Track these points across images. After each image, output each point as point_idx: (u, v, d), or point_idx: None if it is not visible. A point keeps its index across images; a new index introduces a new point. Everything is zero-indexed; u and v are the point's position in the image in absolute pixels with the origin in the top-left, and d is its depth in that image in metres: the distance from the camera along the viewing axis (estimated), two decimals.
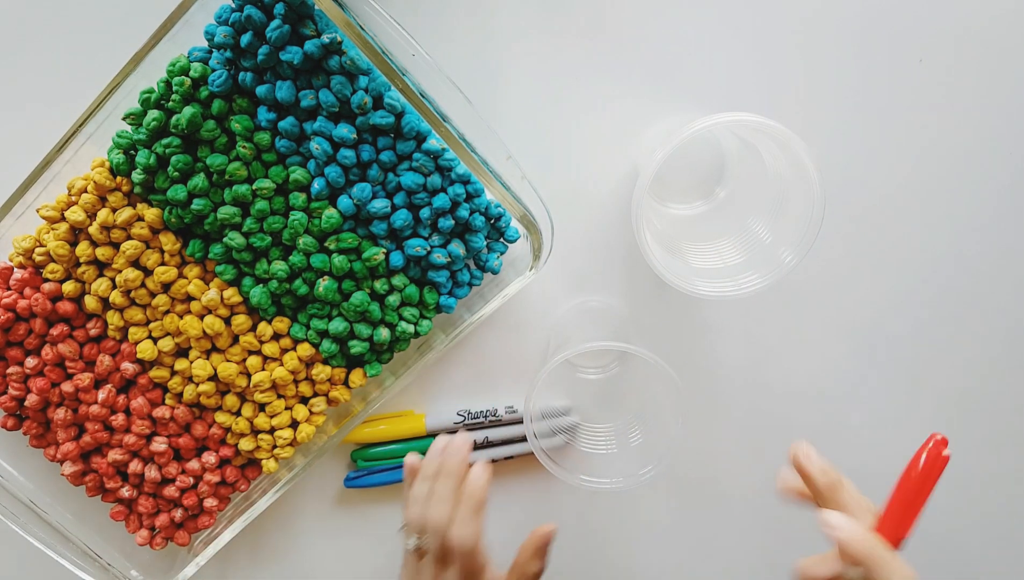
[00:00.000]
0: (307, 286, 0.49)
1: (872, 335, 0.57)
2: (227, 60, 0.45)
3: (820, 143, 0.53)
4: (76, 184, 0.48)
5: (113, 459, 0.51)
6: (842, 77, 0.53)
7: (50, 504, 0.53)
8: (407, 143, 0.46)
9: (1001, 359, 0.58)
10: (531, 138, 0.53)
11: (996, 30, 0.52)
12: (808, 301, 0.56)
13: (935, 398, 0.59)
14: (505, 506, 0.59)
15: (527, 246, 0.49)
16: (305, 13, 0.43)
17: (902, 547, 0.37)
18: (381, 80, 0.45)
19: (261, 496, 0.53)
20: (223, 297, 0.49)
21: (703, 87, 0.53)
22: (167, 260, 0.49)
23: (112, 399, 0.50)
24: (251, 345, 0.51)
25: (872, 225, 0.55)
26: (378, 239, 0.49)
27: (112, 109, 0.46)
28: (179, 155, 0.46)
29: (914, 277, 0.56)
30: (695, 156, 0.54)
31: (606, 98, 0.53)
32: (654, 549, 0.60)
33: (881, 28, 0.52)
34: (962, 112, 0.54)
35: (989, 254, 0.56)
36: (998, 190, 0.55)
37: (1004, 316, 0.57)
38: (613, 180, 0.54)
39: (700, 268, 0.51)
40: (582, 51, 0.53)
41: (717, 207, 0.55)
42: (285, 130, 0.46)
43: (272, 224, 0.48)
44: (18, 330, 0.49)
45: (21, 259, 0.49)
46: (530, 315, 0.56)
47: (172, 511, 0.54)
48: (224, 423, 0.52)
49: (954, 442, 0.60)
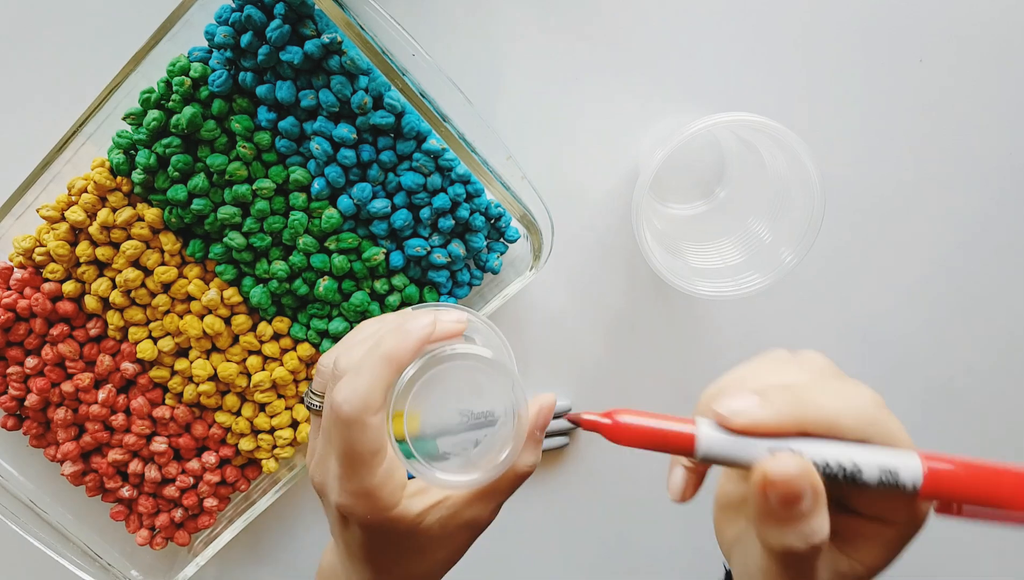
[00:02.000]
0: (307, 286, 0.49)
1: (873, 335, 0.57)
2: (227, 60, 0.45)
3: (820, 143, 0.53)
4: (76, 184, 0.48)
5: (113, 459, 0.51)
6: (842, 77, 0.53)
7: (50, 504, 0.53)
8: (407, 143, 0.46)
9: (1002, 359, 0.58)
10: (531, 138, 0.53)
11: (997, 30, 0.52)
12: (808, 301, 0.56)
13: (936, 398, 0.59)
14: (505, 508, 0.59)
15: (527, 246, 0.49)
16: (305, 13, 0.43)
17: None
18: (381, 80, 0.45)
19: (261, 496, 0.53)
20: (223, 297, 0.49)
21: (703, 87, 0.53)
22: (167, 260, 0.49)
23: (112, 399, 0.50)
24: (251, 345, 0.51)
25: (872, 225, 0.55)
26: (378, 239, 0.49)
27: (112, 109, 0.46)
28: (179, 155, 0.46)
29: (915, 277, 0.56)
30: (695, 156, 0.54)
31: (606, 98, 0.53)
32: (655, 549, 0.60)
33: (881, 28, 0.52)
34: (962, 112, 0.54)
35: (990, 254, 0.56)
36: (998, 190, 0.55)
37: (1005, 316, 0.57)
38: (613, 180, 0.54)
39: (700, 268, 0.51)
40: (582, 51, 0.53)
41: (717, 207, 0.55)
42: (285, 130, 0.46)
43: (272, 224, 0.48)
44: (18, 330, 0.49)
45: (21, 259, 0.49)
46: (530, 315, 0.56)
47: (172, 511, 0.54)
48: (224, 423, 0.52)
49: (954, 442, 0.60)
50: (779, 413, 0.24)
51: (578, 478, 0.59)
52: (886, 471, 0.23)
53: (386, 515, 0.30)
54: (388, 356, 0.28)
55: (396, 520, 0.30)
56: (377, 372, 0.28)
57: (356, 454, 0.29)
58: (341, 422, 0.28)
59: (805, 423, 0.24)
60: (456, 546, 0.32)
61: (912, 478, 0.23)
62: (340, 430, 0.28)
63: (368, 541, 0.31)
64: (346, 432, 0.28)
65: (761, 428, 0.24)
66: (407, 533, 0.31)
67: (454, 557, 0.33)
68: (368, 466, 0.29)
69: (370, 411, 0.28)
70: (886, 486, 0.23)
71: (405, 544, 0.31)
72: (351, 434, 0.28)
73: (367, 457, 0.29)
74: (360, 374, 0.28)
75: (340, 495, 0.30)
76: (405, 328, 0.29)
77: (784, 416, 0.24)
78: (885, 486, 0.23)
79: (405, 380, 0.28)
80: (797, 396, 0.24)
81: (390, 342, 0.29)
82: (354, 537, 0.32)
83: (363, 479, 0.29)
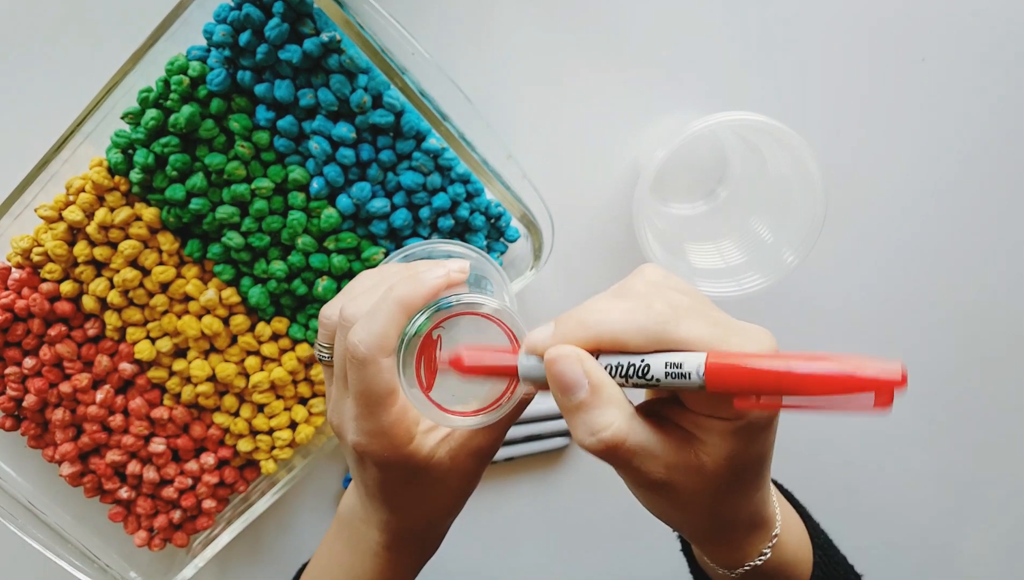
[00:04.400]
0: (306, 286, 0.49)
1: (873, 335, 0.57)
2: (226, 59, 0.45)
3: (822, 142, 0.53)
4: (74, 184, 0.47)
5: (111, 460, 0.51)
6: (844, 76, 0.53)
7: (48, 505, 0.53)
8: (407, 142, 0.46)
9: (1002, 359, 0.58)
10: (531, 138, 0.53)
11: (998, 30, 0.52)
12: (810, 301, 0.56)
13: (936, 398, 0.58)
14: (505, 508, 0.59)
15: (527, 246, 0.49)
16: (304, 11, 0.43)
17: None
18: (380, 79, 0.45)
19: (260, 497, 0.53)
20: (221, 297, 0.49)
21: (704, 86, 0.53)
22: (165, 260, 0.49)
23: (110, 400, 0.50)
24: (250, 345, 0.50)
25: (874, 225, 0.55)
26: (377, 239, 0.49)
27: (110, 108, 0.46)
28: (177, 154, 0.45)
29: (917, 276, 0.56)
30: (696, 156, 0.54)
31: (606, 97, 0.53)
32: (655, 549, 0.60)
33: (883, 27, 0.52)
34: (964, 112, 0.53)
35: (991, 253, 0.56)
36: (1000, 189, 0.55)
37: (1005, 316, 0.57)
38: (614, 180, 0.54)
39: (701, 268, 0.51)
40: (582, 50, 0.52)
41: (718, 207, 0.55)
42: (284, 129, 0.46)
43: (271, 224, 0.47)
44: (16, 330, 0.49)
45: (19, 259, 0.48)
46: (530, 315, 0.56)
47: (170, 512, 0.54)
48: (222, 424, 0.52)
49: (954, 442, 0.60)
50: (565, 337, 0.27)
51: (578, 477, 0.59)
52: (671, 364, 0.25)
53: (401, 452, 0.31)
54: (401, 301, 0.30)
55: (410, 456, 0.31)
56: (391, 315, 0.29)
57: (371, 393, 0.30)
58: (357, 362, 0.29)
59: (590, 343, 0.26)
60: (466, 475, 0.34)
61: (695, 369, 0.25)
62: (356, 371, 0.30)
63: (384, 479, 0.32)
64: (362, 372, 0.29)
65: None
66: (421, 468, 0.32)
67: (466, 486, 0.34)
68: (383, 405, 0.30)
69: (384, 352, 0.29)
70: (674, 378, 0.25)
71: (419, 480, 0.32)
72: (366, 374, 0.29)
73: (382, 396, 0.30)
74: (375, 317, 0.30)
75: (357, 434, 0.31)
76: (420, 277, 0.30)
77: (569, 338, 0.27)
78: (673, 378, 0.25)
79: (417, 324, 0.29)
80: (583, 320, 0.26)
81: (404, 288, 0.30)
82: (371, 476, 0.33)
83: (379, 418, 0.30)
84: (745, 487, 0.30)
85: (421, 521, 0.35)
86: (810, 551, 0.36)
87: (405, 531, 0.35)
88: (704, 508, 0.29)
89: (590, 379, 0.26)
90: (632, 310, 0.26)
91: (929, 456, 0.59)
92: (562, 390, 0.26)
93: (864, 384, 0.23)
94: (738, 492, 0.30)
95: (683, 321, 0.26)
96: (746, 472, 0.29)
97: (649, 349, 0.26)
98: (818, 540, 0.37)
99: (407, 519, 0.35)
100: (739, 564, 0.32)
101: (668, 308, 0.26)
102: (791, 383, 0.24)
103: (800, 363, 0.23)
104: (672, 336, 0.26)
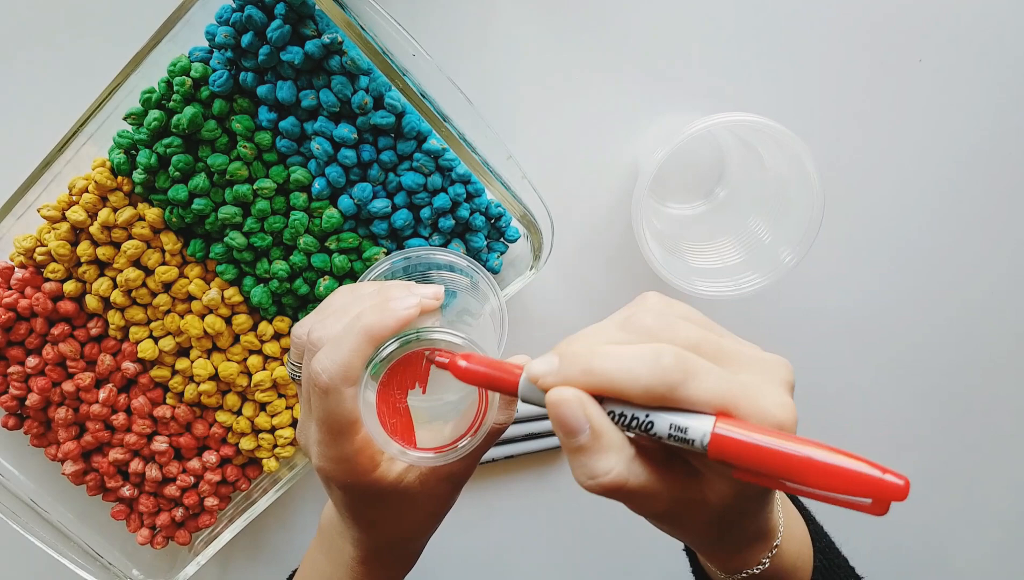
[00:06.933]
0: (308, 286, 0.49)
1: (872, 335, 0.57)
2: (228, 60, 0.45)
3: (820, 143, 0.53)
4: (77, 184, 0.48)
5: (114, 458, 0.51)
6: (842, 77, 0.53)
7: (51, 503, 0.53)
8: (408, 143, 0.46)
9: (1002, 359, 0.58)
10: (531, 138, 0.53)
11: (996, 30, 0.52)
12: (808, 301, 0.57)
13: (936, 398, 0.59)
14: (504, 506, 0.59)
15: (527, 246, 0.49)
16: (306, 13, 0.43)
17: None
18: (382, 80, 0.45)
19: (262, 495, 0.53)
20: (224, 297, 0.49)
21: (703, 87, 0.53)
22: (168, 260, 0.49)
23: (113, 398, 0.50)
24: (252, 345, 0.51)
25: (872, 225, 0.56)
26: (379, 239, 0.49)
27: (113, 109, 0.46)
28: (180, 155, 0.46)
29: (915, 277, 0.56)
30: (695, 156, 0.54)
31: (606, 98, 0.53)
32: (655, 549, 0.60)
33: (881, 28, 0.52)
34: (962, 112, 0.54)
35: (990, 254, 0.56)
36: (999, 189, 0.55)
37: (1005, 316, 0.57)
38: (613, 180, 0.54)
39: (700, 268, 0.51)
40: (582, 51, 0.53)
41: (717, 207, 0.55)
42: (286, 130, 0.46)
43: (273, 224, 0.48)
44: (19, 330, 0.49)
45: (22, 259, 0.49)
46: (530, 315, 0.56)
47: (173, 510, 0.54)
48: (225, 422, 0.52)
49: (954, 442, 0.60)
50: (567, 379, 0.26)
51: None
52: (675, 427, 0.25)
53: (364, 479, 0.31)
54: (369, 330, 0.29)
55: (375, 482, 0.31)
56: (356, 345, 0.29)
57: (334, 422, 0.29)
58: (320, 391, 0.29)
59: (594, 390, 0.25)
60: (438, 498, 0.33)
61: (700, 437, 0.25)
62: (318, 399, 0.29)
63: (350, 501, 0.32)
64: (325, 401, 0.29)
65: (550, 387, 0.26)
66: (387, 493, 0.31)
67: (439, 508, 0.34)
68: (346, 434, 0.30)
69: (348, 382, 0.29)
70: (677, 441, 0.25)
71: (387, 502, 0.32)
72: (329, 403, 0.29)
73: (345, 426, 0.29)
74: (339, 345, 0.29)
75: (319, 459, 0.31)
76: (389, 306, 0.29)
77: (573, 383, 0.26)
78: (677, 441, 0.25)
79: (383, 355, 0.29)
80: (589, 368, 0.25)
81: (371, 317, 0.29)
82: (337, 497, 0.33)
83: (341, 446, 0.30)
84: (750, 512, 0.29)
85: (394, 539, 0.35)
86: (811, 556, 0.36)
87: (380, 547, 0.35)
88: (707, 531, 0.29)
89: (591, 424, 0.25)
90: (641, 360, 0.25)
91: (929, 456, 0.60)
92: (563, 431, 0.25)
93: (867, 490, 0.23)
94: (743, 517, 0.29)
95: (692, 381, 0.25)
96: (750, 502, 0.28)
97: (655, 406, 0.25)
98: (820, 544, 0.37)
99: (379, 537, 0.34)
100: (737, 571, 0.32)
101: (678, 363, 0.25)
102: (795, 470, 0.23)
103: (807, 450, 0.23)
104: (680, 395, 0.24)
